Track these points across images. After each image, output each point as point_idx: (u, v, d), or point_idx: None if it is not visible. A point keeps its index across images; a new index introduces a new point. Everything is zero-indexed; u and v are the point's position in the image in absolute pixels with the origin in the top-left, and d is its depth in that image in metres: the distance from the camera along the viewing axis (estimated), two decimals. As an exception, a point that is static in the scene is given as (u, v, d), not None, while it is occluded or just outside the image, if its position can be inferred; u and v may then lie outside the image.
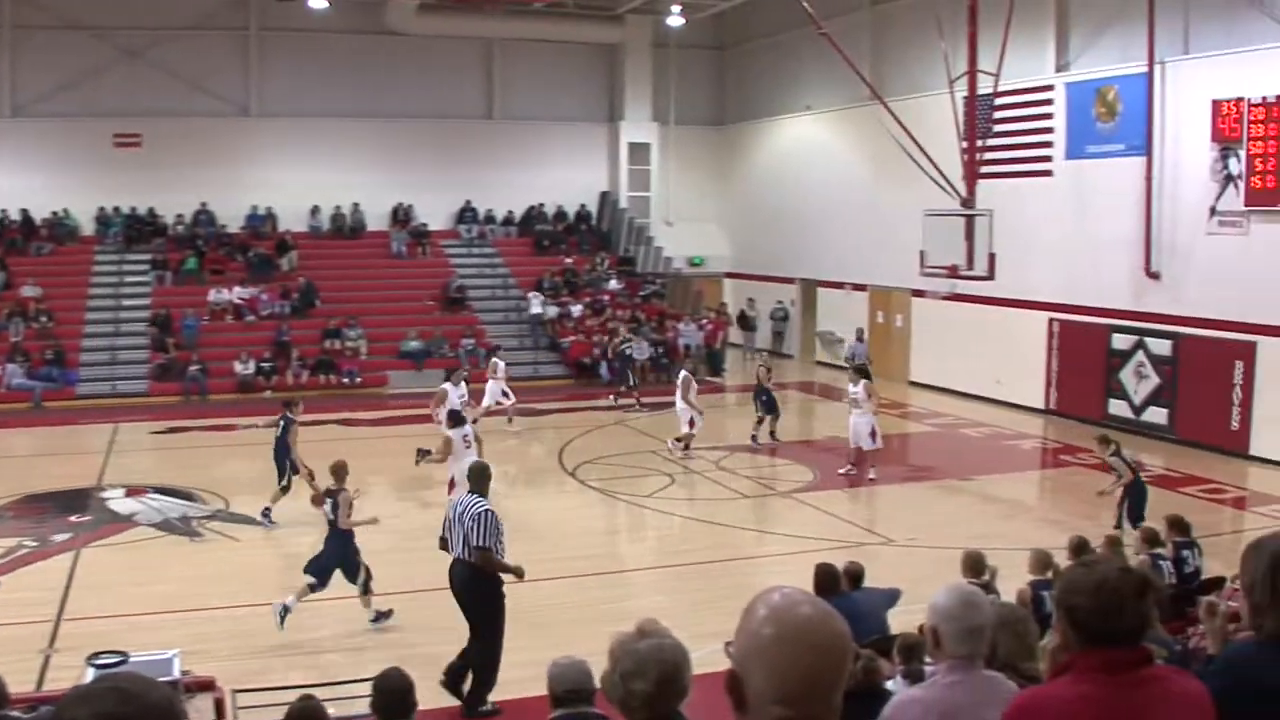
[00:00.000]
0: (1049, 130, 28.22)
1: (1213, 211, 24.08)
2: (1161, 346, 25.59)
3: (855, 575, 11.07)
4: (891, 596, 11.31)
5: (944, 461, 24.32)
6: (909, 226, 28.34)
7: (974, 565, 11.32)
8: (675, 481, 22.18)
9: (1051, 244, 28.19)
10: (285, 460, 18.87)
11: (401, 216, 39.55)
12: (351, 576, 14.08)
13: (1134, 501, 16.52)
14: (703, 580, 15.93)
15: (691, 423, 24.33)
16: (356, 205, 39.06)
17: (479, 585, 11.56)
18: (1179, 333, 25.14)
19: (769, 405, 25.56)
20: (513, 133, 40.77)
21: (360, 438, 26.28)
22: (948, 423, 28.35)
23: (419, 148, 39.47)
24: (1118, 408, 26.63)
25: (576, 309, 36.47)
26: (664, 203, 42.51)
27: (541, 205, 41.38)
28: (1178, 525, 13.16)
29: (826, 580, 10.56)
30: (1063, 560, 11.57)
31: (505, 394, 26.71)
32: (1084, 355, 27.49)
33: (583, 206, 41.99)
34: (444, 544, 11.87)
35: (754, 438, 25.40)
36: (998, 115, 27.58)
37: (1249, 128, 23.01)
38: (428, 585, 14.36)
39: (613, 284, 38.48)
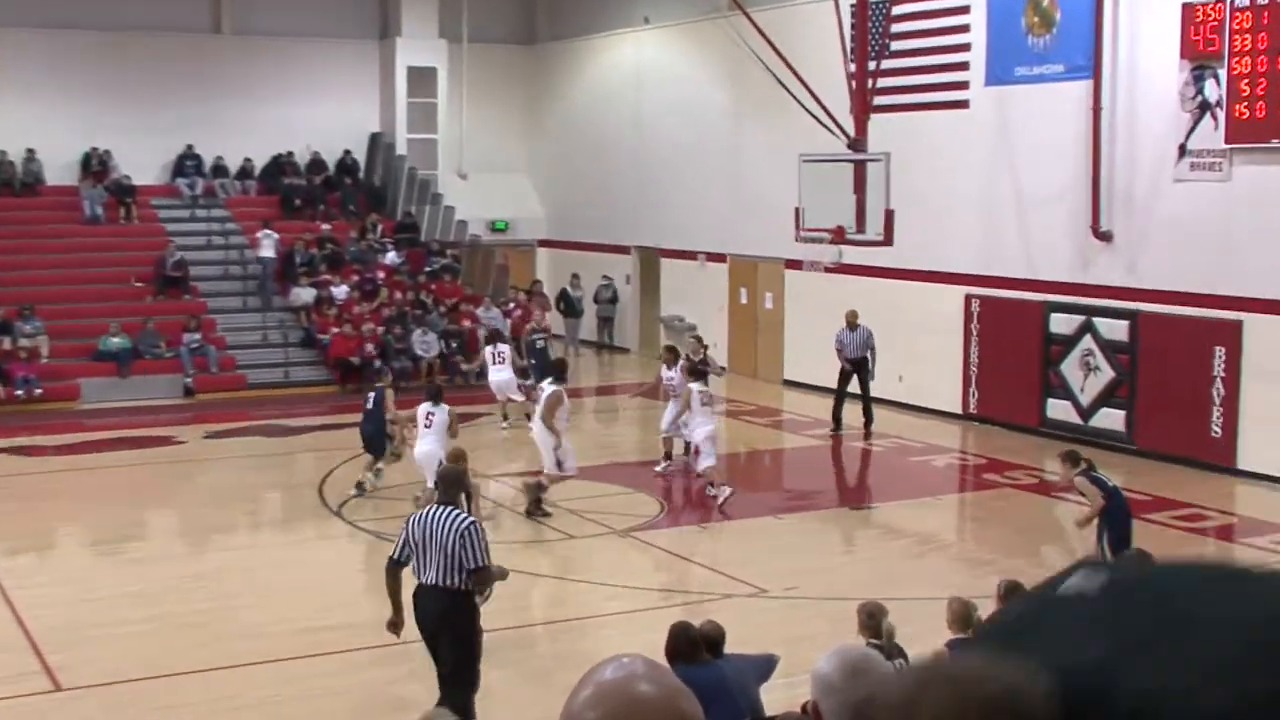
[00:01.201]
0: (964, 48, 28.61)
1: (1183, 151, 24.46)
2: (1116, 329, 26.05)
3: (712, 640, 11.07)
4: (765, 665, 11.36)
5: (832, 485, 24.59)
6: (781, 177, 28.59)
7: (872, 621, 11.43)
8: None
9: (969, 197, 28.65)
10: (384, 436, 22.84)
11: (96, 167, 38.78)
12: None
13: (1115, 530, 16.80)
14: (519, 651, 15.81)
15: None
16: (32, 152, 38.15)
17: (460, 616, 12.61)
18: (1138, 310, 25.59)
19: None
20: (250, 53, 40.20)
21: (45, 471, 25.61)
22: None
23: (120, 73, 38.71)
24: (1059, 410, 27.09)
25: (340, 291, 36.09)
26: (456, 148, 42.43)
27: (290, 153, 40.96)
28: (1140, 564, 13.36)
29: (683, 645, 10.55)
30: (991, 611, 11.73)
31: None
32: (1013, 343, 27.94)
33: (347, 154, 41.70)
34: (397, 565, 12.81)
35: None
36: (896, 29, 27.94)
37: (1231, 39, 23.21)
38: (174, 669, 14.22)
39: (389, 257, 38.17)
